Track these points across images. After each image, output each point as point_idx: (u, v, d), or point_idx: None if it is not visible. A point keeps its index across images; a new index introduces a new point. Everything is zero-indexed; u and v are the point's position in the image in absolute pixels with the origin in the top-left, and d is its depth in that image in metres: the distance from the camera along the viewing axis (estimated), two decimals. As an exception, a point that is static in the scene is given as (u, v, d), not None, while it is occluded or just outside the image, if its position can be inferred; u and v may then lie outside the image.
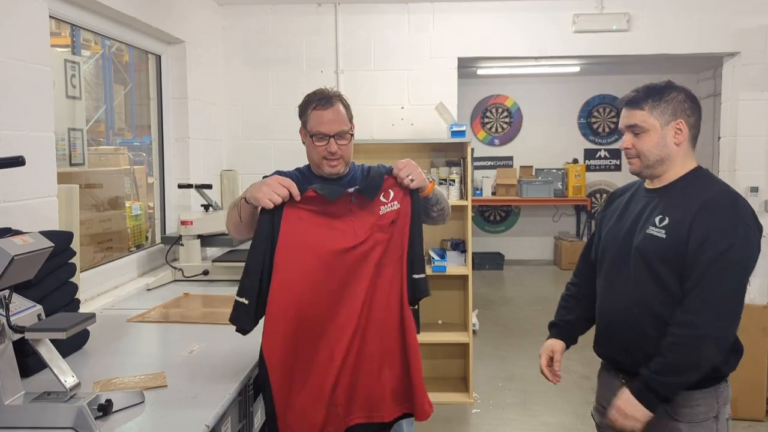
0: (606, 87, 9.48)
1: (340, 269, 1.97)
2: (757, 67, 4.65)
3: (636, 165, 2.02)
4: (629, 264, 2.00)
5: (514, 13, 4.72)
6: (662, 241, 1.91)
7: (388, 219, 2.02)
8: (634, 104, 2.00)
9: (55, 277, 2.18)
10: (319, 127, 2.12)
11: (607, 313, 2.11)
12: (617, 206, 2.18)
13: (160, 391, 1.87)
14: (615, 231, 2.11)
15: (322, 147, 2.13)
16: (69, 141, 3.40)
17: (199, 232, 3.54)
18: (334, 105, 2.14)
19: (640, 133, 1.98)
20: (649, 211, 2.00)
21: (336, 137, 2.12)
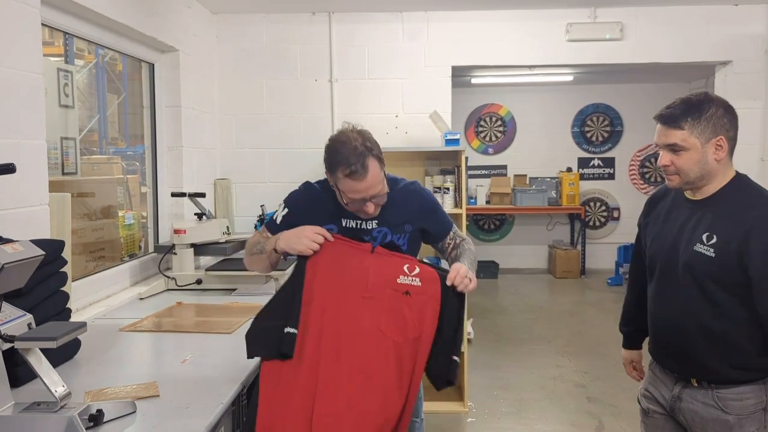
0: (599, 96, 9.51)
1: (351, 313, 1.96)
2: (748, 76, 4.68)
3: (675, 181, 2.01)
4: (677, 276, 2.03)
5: (507, 22, 4.73)
6: (711, 259, 1.92)
7: (403, 289, 1.98)
8: (673, 123, 1.96)
9: (46, 286, 2.16)
10: (352, 195, 2.03)
11: (657, 320, 2.16)
12: (659, 212, 2.18)
13: (152, 401, 1.85)
14: (661, 240, 2.12)
15: (356, 206, 2.07)
16: (62, 150, 3.38)
17: (193, 241, 3.52)
18: (368, 172, 1.98)
19: (679, 152, 1.95)
20: (694, 223, 2.01)
21: (372, 199, 2.05)
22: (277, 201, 4.63)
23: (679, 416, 2.10)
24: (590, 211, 9.59)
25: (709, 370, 2.00)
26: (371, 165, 1.99)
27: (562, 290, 8.52)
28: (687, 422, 2.08)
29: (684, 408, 2.07)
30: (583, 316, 7.03)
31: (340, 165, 1.98)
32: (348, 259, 2.01)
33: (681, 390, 2.08)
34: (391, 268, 2.00)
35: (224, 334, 2.58)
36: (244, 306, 3.07)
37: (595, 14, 4.68)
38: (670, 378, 2.14)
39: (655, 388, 2.20)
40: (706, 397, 2.01)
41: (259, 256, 2.17)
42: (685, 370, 2.06)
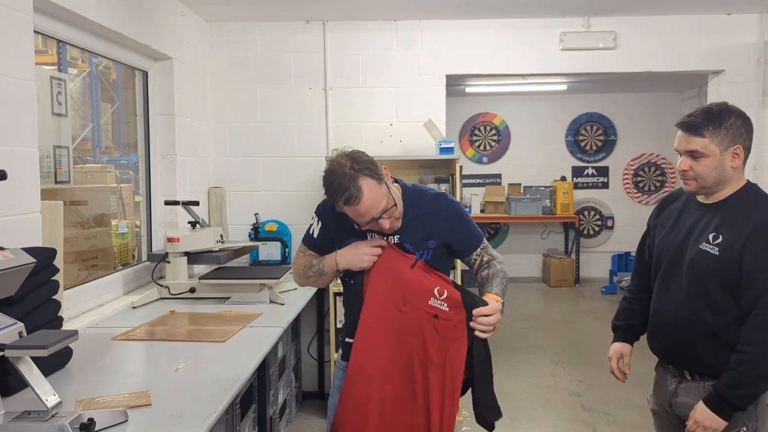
0: (593, 105, 9.55)
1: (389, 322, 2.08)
2: (741, 85, 4.70)
3: (692, 186, 2.12)
4: (681, 273, 2.15)
5: (501, 30, 4.74)
6: (714, 258, 2.05)
7: (432, 312, 2.04)
8: (695, 130, 2.06)
9: (37, 294, 2.14)
10: (362, 218, 2.02)
11: (658, 314, 2.28)
12: (670, 213, 2.30)
13: (144, 409, 1.83)
14: (669, 239, 2.24)
15: (369, 227, 2.09)
16: (54, 158, 3.36)
17: (186, 250, 3.51)
18: (364, 196, 1.95)
19: (699, 158, 2.06)
20: (703, 225, 2.13)
21: (382, 216, 2.03)
22: (271, 210, 4.70)
23: (676, 411, 2.22)
24: (584, 219, 9.61)
25: (703, 364, 2.12)
26: (365, 185, 1.95)
27: (556, 299, 8.52)
28: (683, 416, 2.18)
29: (679, 402, 2.20)
30: (577, 325, 7.03)
31: (336, 195, 1.98)
32: (393, 269, 2.08)
33: (677, 385, 2.22)
34: (423, 288, 2.06)
35: (218, 342, 2.57)
36: (238, 314, 3.06)
37: (588, 23, 4.70)
38: (668, 375, 2.27)
39: (658, 388, 2.35)
40: (698, 390, 2.12)
41: (318, 278, 2.23)
42: (680, 363, 2.20)
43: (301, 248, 2.31)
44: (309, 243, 2.28)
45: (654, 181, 9.56)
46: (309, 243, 2.28)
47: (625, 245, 9.24)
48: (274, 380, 3.66)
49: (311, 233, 2.26)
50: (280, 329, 2.82)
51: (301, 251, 2.31)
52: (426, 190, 2.26)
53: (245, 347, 2.52)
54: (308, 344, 4.81)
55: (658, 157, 9.53)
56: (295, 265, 2.30)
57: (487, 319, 2.00)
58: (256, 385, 3.11)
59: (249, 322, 2.89)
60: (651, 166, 9.57)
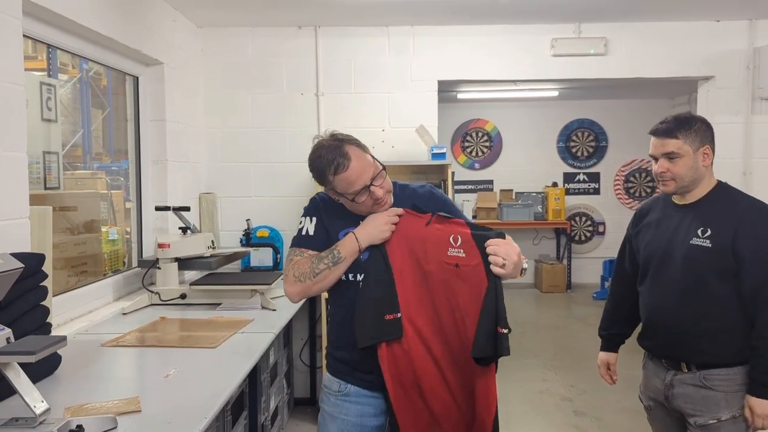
0: (584, 112, 9.59)
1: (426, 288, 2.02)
2: (731, 91, 4.73)
3: (671, 186, 2.30)
4: (673, 270, 2.30)
5: (493, 36, 4.76)
6: (709, 250, 2.21)
7: (453, 262, 1.99)
8: (668, 133, 2.27)
9: (25, 300, 2.12)
10: (353, 187, 1.97)
11: (652, 312, 2.40)
12: (650, 221, 2.46)
13: (134, 416, 1.81)
14: (655, 243, 2.38)
15: (366, 200, 2.01)
16: (44, 164, 3.34)
17: (177, 255, 3.49)
18: (351, 159, 1.96)
19: (675, 158, 2.25)
20: (688, 223, 2.30)
21: (373, 183, 1.99)
22: (263, 216, 4.68)
23: (673, 403, 2.34)
24: (576, 225, 9.63)
25: (702, 354, 2.25)
26: (350, 151, 1.98)
27: (548, 304, 8.53)
28: (680, 407, 2.31)
29: (676, 393, 2.32)
30: (569, 330, 7.03)
31: (325, 169, 1.98)
32: (411, 232, 2.04)
33: (672, 378, 2.33)
34: (440, 240, 2.01)
35: (209, 348, 2.55)
36: (229, 320, 3.04)
37: (579, 29, 4.72)
38: (661, 369, 2.38)
39: (650, 383, 2.46)
40: (695, 380, 2.27)
41: (332, 271, 2.01)
42: (677, 356, 2.32)
43: (294, 253, 2.10)
44: (306, 243, 2.11)
45: (645, 187, 9.60)
46: (306, 243, 2.11)
47: (617, 251, 9.22)
48: (266, 386, 3.64)
49: (305, 234, 2.12)
50: (271, 335, 2.80)
51: (295, 255, 2.09)
52: (408, 184, 2.26)
53: (236, 353, 2.50)
54: (300, 350, 4.79)
55: (648, 164, 9.53)
56: (295, 269, 2.04)
57: (498, 248, 1.90)
58: (247, 391, 3.10)
59: (240, 328, 2.87)
60: (642, 172, 9.61)
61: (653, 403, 2.48)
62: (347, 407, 2.10)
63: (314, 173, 2.05)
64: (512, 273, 1.92)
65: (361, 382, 2.09)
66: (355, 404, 2.09)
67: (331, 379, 2.15)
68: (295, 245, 2.14)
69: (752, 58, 4.71)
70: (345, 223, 2.10)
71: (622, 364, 2.71)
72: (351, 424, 2.09)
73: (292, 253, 2.12)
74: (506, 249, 1.91)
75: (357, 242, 2.01)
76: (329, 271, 2.01)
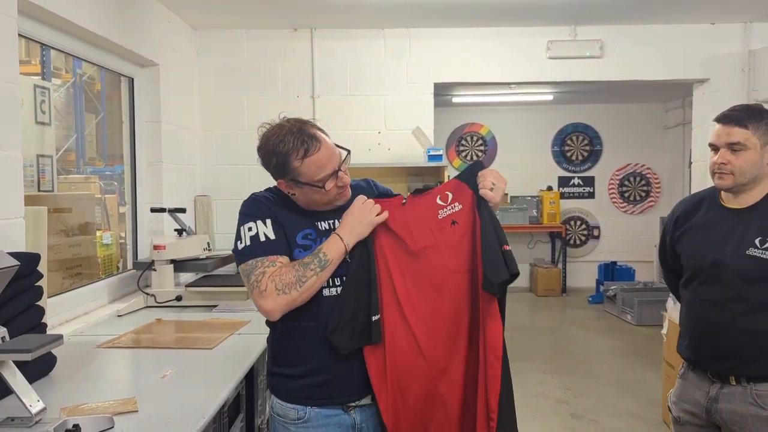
0: (579, 116, 9.61)
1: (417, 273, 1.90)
2: (726, 94, 4.75)
3: (728, 181, 2.09)
4: (724, 280, 2.10)
5: (489, 39, 4.77)
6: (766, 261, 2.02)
7: (448, 221, 1.91)
8: (737, 122, 2.06)
9: (21, 300, 2.09)
10: (324, 171, 1.81)
11: (699, 323, 2.20)
12: (695, 225, 2.25)
13: (131, 416, 1.79)
14: (704, 250, 2.18)
15: (332, 186, 1.85)
16: (38, 167, 3.32)
17: (172, 257, 3.46)
18: (321, 140, 1.83)
19: (739, 150, 2.05)
20: (742, 231, 2.10)
21: (340, 168, 1.86)
22: (258, 217, 4.63)
23: (716, 417, 2.16)
24: (571, 229, 9.63)
25: (754, 367, 2.08)
26: (316, 133, 1.84)
27: (543, 308, 8.52)
28: (724, 422, 2.14)
29: (721, 408, 2.14)
30: (565, 334, 7.02)
31: (290, 154, 1.80)
32: (390, 218, 1.91)
33: (718, 391, 2.15)
34: (427, 210, 1.92)
35: (205, 350, 2.53)
36: (225, 322, 3.02)
37: (575, 32, 4.73)
38: (705, 381, 2.20)
39: (689, 395, 2.26)
40: (744, 395, 2.09)
41: (319, 276, 1.79)
42: (726, 369, 2.13)
43: (263, 264, 1.80)
44: (271, 250, 1.83)
45: (639, 191, 9.62)
46: (271, 250, 1.83)
47: (612, 255, 9.28)
48: (263, 389, 3.61)
49: (264, 239, 1.83)
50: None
51: (266, 266, 1.80)
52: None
53: (233, 354, 2.49)
54: (296, 354, 4.76)
55: (643, 167, 9.59)
56: (276, 281, 1.77)
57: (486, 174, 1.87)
58: (244, 393, 3.07)
59: (237, 330, 2.85)
60: (636, 176, 9.63)
61: (687, 416, 2.27)
62: None
63: (275, 160, 1.83)
64: (500, 198, 1.88)
65: (325, 402, 1.89)
66: (317, 428, 1.89)
67: (285, 407, 1.91)
68: (258, 255, 1.82)
69: (747, 60, 4.73)
70: (300, 223, 1.91)
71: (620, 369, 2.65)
72: None
73: (258, 265, 1.80)
74: (495, 175, 1.89)
75: (342, 242, 1.83)
76: (316, 278, 1.79)
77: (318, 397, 1.89)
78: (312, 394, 1.89)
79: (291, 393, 1.91)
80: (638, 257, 9.07)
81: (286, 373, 1.92)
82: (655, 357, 5.64)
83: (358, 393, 1.91)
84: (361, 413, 1.94)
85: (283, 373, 1.93)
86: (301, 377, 1.89)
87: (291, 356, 1.91)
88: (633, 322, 7.36)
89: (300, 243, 1.88)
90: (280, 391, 1.94)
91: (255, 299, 1.81)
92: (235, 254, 1.89)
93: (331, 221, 1.94)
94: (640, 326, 7.23)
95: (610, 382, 5.24)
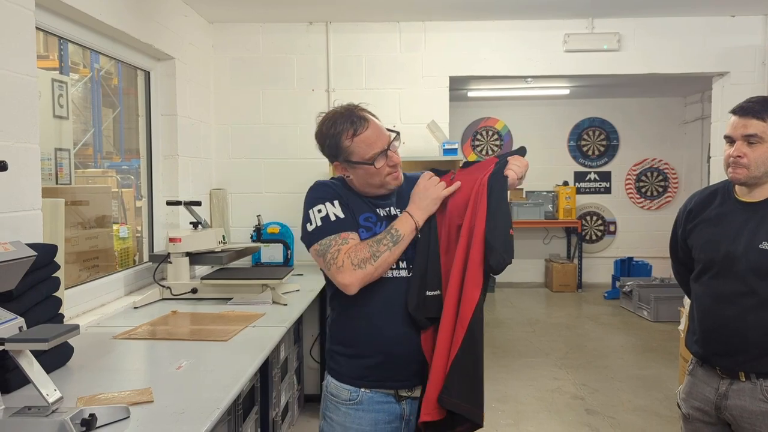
0: (595, 110, 9.54)
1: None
2: (746, 87, 4.68)
3: (741, 174, 2.07)
4: (736, 274, 2.09)
5: (505, 32, 4.73)
6: None
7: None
8: (754, 114, 2.03)
9: (38, 291, 2.11)
10: (373, 149, 1.89)
11: (709, 317, 2.18)
12: (707, 218, 2.23)
13: (146, 406, 1.80)
14: (715, 243, 2.16)
15: (384, 165, 1.91)
16: (56, 161, 3.34)
17: (188, 250, 3.48)
18: (368, 119, 1.93)
19: (755, 143, 2.03)
20: (755, 225, 2.08)
21: (390, 147, 1.93)
22: (273, 212, 4.67)
23: (725, 414, 2.15)
24: (587, 225, 9.58)
25: (763, 363, 2.06)
26: (364, 114, 1.94)
27: (558, 304, 8.48)
28: (734, 419, 2.12)
29: (730, 405, 2.12)
30: (580, 330, 6.99)
31: (342, 134, 1.90)
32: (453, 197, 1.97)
33: (728, 387, 2.14)
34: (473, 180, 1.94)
35: (220, 341, 2.54)
36: (240, 315, 3.03)
37: (592, 25, 4.68)
38: (714, 377, 2.19)
39: (698, 391, 2.25)
40: (755, 391, 2.08)
41: (391, 255, 1.86)
42: (735, 364, 2.11)
43: (337, 241, 1.88)
44: (342, 226, 1.91)
45: (656, 186, 9.54)
46: (342, 226, 1.91)
47: (628, 250, 9.22)
48: (277, 382, 3.63)
49: (334, 219, 1.91)
50: (282, 329, 2.78)
51: (341, 244, 1.88)
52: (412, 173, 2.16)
53: (248, 346, 2.49)
54: (310, 347, 4.78)
55: (660, 162, 9.51)
56: (352, 257, 1.85)
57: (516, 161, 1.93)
58: (258, 386, 3.08)
59: (251, 322, 2.86)
60: (653, 171, 9.55)
61: (697, 413, 2.25)
62: (360, 416, 1.96)
63: (328, 141, 1.94)
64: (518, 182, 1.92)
65: (377, 384, 1.95)
66: (368, 412, 1.96)
67: (339, 387, 1.99)
68: (330, 233, 1.90)
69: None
70: (362, 206, 1.98)
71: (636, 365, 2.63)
72: None
73: (332, 243, 1.88)
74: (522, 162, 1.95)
75: (412, 218, 1.90)
76: (389, 253, 1.85)
77: (370, 378, 1.96)
78: (365, 375, 1.96)
79: (345, 373, 1.99)
80: (655, 253, 8.99)
81: (341, 352, 2.00)
82: (671, 353, 5.60)
83: (411, 380, 1.97)
84: (411, 405, 1.99)
85: (338, 352, 2.01)
86: (354, 357, 1.97)
87: (347, 336, 2.00)
88: (649, 318, 7.31)
89: (362, 224, 1.96)
90: (335, 370, 2.02)
91: (333, 275, 1.88)
92: (306, 237, 1.96)
93: (388, 208, 2.01)
94: (656, 322, 7.18)
95: (625, 377, 5.21)
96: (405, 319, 1.92)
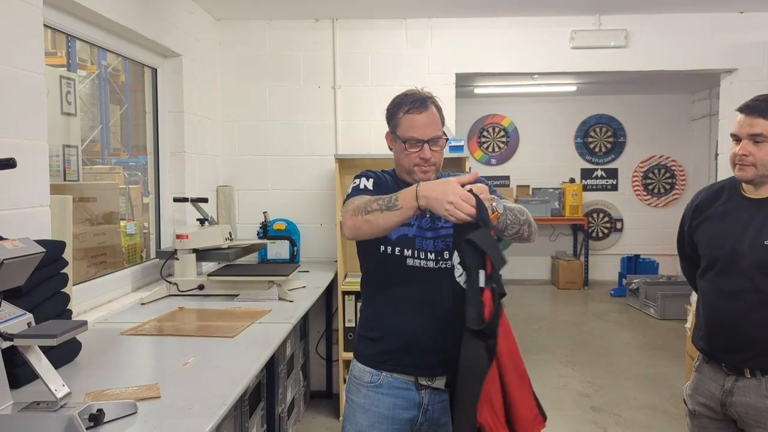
0: (602, 107, 9.51)
1: None
2: (754, 84, 4.65)
3: (749, 173, 2.08)
4: (741, 271, 2.10)
5: (511, 29, 4.72)
6: None
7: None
8: (760, 112, 2.03)
9: (46, 286, 2.12)
10: (412, 132, 1.97)
11: (715, 313, 2.20)
12: (713, 214, 2.24)
13: (154, 402, 1.81)
14: (721, 239, 2.17)
15: (414, 153, 1.99)
16: (63, 157, 3.36)
17: (195, 246, 3.49)
18: (428, 108, 2.00)
19: (761, 142, 2.03)
20: (761, 221, 2.09)
21: (430, 143, 1.98)
22: (279, 209, 4.69)
23: (731, 410, 2.15)
24: (593, 222, 9.56)
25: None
26: (431, 106, 2.01)
27: (565, 301, 8.47)
28: (739, 415, 2.13)
29: (736, 401, 2.13)
30: (586, 327, 6.98)
31: (402, 105, 2.01)
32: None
33: (733, 384, 2.14)
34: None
35: (227, 338, 2.55)
36: (247, 311, 3.04)
37: (599, 21, 4.67)
38: (720, 374, 2.19)
39: (704, 388, 2.25)
40: (760, 388, 2.08)
41: (383, 213, 1.81)
42: (740, 361, 2.12)
43: (355, 199, 1.96)
44: (366, 193, 1.99)
45: (664, 183, 9.51)
46: (366, 193, 1.99)
47: (635, 248, 9.19)
48: (283, 378, 3.64)
49: (363, 188, 2.01)
50: (289, 325, 2.79)
51: (355, 200, 1.95)
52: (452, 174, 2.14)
53: (254, 342, 2.50)
54: (317, 343, 4.79)
55: (668, 159, 9.48)
56: (352, 205, 1.91)
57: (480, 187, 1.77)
58: (264, 382, 3.10)
59: (258, 319, 2.87)
60: (661, 168, 9.52)
61: (703, 409, 2.26)
62: (379, 399, 2.04)
63: (390, 106, 2.06)
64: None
65: (397, 369, 2.02)
66: (387, 396, 2.04)
67: (362, 370, 2.09)
68: (354, 195, 2.00)
69: (776, 50, 4.64)
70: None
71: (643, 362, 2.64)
72: (383, 416, 2.04)
73: (353, 201, 1.95)
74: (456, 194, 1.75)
75: (416, 194, 1.76)
76: (379, 214, 1.81)
77: (391, 363, 2.04)
78: (386, 359, 2.04)
79: (368, 356, 2.08)
80: (662, 250, 8.95)
81: (366, 335, 2.10)
82: (678, 351, 5.59)
83: (431, 370, 2.01)
84: (431, 395, 2.04)
85: (363, 335, 2.12)
86: (377, 340, 2.06)
87: (372, 319, 2.10)
88: (656, 316, 7.30)
89: None
90: (359, 352, 2.12)
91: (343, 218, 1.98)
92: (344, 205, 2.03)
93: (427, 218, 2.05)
94: (663, 320, 7.17)
95: (632, 375, 5.21)
96: (428, 309, 1.97)
